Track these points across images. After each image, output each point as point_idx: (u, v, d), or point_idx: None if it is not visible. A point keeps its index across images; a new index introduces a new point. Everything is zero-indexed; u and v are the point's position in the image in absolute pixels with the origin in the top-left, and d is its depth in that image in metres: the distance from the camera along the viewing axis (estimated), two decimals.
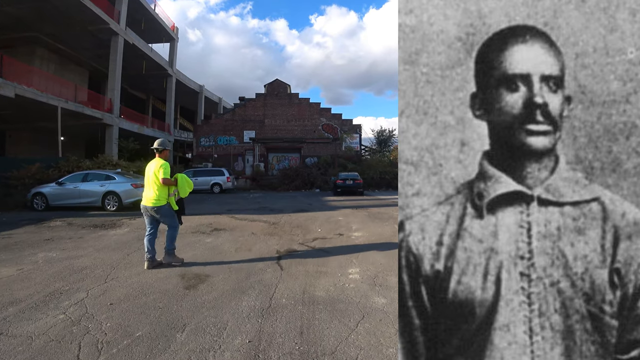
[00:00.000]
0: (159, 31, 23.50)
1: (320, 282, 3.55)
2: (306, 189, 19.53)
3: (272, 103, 24.39)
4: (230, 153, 24.05)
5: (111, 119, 17.88)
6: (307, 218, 8.25)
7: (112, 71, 18.10)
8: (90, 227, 6.92)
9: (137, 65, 21.48)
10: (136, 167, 17.21)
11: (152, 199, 4.02)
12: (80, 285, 3.47)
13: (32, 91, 13.22)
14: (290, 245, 5.28)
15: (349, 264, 4.23)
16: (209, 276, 3.73)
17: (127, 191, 9.64)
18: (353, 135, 24.33)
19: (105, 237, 5.93)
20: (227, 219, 7.98)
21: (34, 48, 17.26)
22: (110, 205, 9.58)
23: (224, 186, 17.20)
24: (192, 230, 6.52)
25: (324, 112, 24.45)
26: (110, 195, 9.60)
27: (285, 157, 24.34)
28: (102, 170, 10.87)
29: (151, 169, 4.07)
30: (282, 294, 3.20)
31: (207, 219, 7.91)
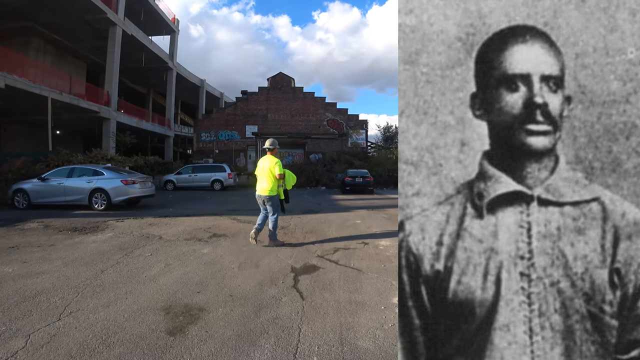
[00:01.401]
0: (159, 23, 22.98)
1: (360, 320, 2.61)
2: (311, 186, 18.68)
3: (275, 97, 23.44)
4: (232, 149, 23.25)
5: (108, 112, 17.36)
6: (320, 221, 7.24)
7: (110, 63, 17.58)
8: (69, 230, 5.94)
9: (136, 58, 20.97)
10: (132, 162, 16.62)
11: (267, 189, 4.82)
12: (23, 323, 2.47)
13: (23, 82, 12.68)
14: (308, 259, 4.27)
15: (390, 290, 3.24)
16: (204, 310, 2.75)
17: (117, 188, 8.64)
18: (359, 131, 23.41)
19: (82, 244, 4.90)
20: (228, 222, 6.99)
21: (29, 39, 16.87)
22: (97, 204, 8.60)
23: (225, 183, 16.31)
24: (186, 236, 5.49)
25: (329, 107, 23.61)
26: (97, 193, 8.61)
27: (288, 153, 23.33)
28: (89, 165, 9.82)
29: (266, 165, 4.84)
30: (311, 347, 2.22)
31: (205, 222, 6.96)
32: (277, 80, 23.86)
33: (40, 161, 11.97)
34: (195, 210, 8.75)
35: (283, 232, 5.95)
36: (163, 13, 22.87)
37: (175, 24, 24.89)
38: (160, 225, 6.50)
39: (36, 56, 16.99)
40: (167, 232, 5.86)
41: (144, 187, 9.25)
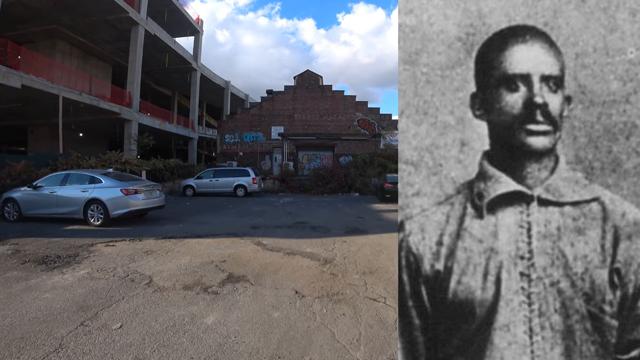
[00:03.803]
0: (182, 23, 22.66)
1: None
2: (343, 192, 17.03)
3: (302, 96, 21.83)
4: (257, 151, 22.03)
5: (130, 113, 16.80)
6: (375, 249, 5.20)
7: (132, 62, 17.19)
8: (35, 262, 4.40)
9: (160, 60, 20.82)
10: (151, 165, 15.69)
11: None
12: None
13: (40, 81, 12.11)
14: (389, 342, 2.42)
15: None
16: None
17: (116, 200, 7.04)
18: (393, 132, 21.33)
19: (32, 293, 3.30)
20: (251, 249, 5.16)
21: (54, 41, 16.84)
22: (94, 218, 7.02)
23: (249, 189, 14.90)
24: (188, 279, 3.73)
25: (360, 106, 21.73)
26: (94, 205, 7.05)
27: (316, 155, 21.89)
28: (87, 171, 8.12)
29: None
30: None
31: (219, 248, 5.19)
32: (304, 78, 22.28)
33: (48, 164, 10.77)
34: (210, 227, 7.09)
35: (330, 276, 3.88)
36: (187, 13, 22.37)
37: (200, 24, 24.32)
38: (159, 255, 4.77)
39: (62, 59, 16.82)
40: (164, 268, 4.10)
41: (149, 197, 7.69)
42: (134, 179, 8.25)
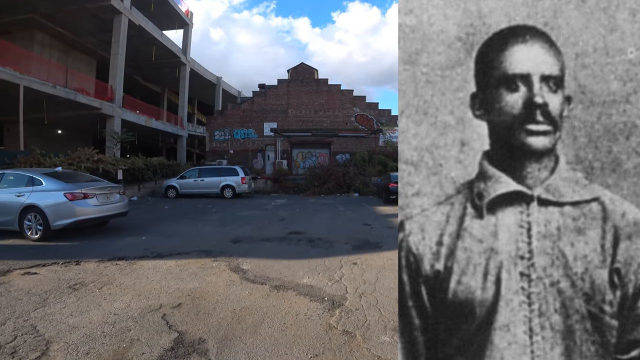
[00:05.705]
0: (171, 15, 21.15)
1: None
2: (342, 192, 15.70)
3: (296, 91, 20.50)
4: (249, 149, 20.83)
5: (112, 109, 15.47)
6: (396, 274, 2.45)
7: (115, 54, 15.80)
8: None
9: (148, 54, 19.40)
10: (129, 163, 14.45)
11: None
12: None
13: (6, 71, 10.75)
14: None
15: None
16: None
17: (58, 206, 5.42)
18: (393, 128, 20.09)
19: None
20: (224, 281, 3.54)
21: (32, 32, 15.50)
22: (31, 231, 5.43)
23: (238, 189, 13.68)
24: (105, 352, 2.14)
25: (358, 101, 20.43)
26: (30, 213, 5.45)
27: (312, 153, 20.66)
28: (25, 170, 6.44)
29: None
30: None
31: (181, 277, 3.66)
32: (299, 71, 20.92)
33: (3, 163, 9.34)
34: (180, 241, 5.51)
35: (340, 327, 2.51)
36: (175, 4, 20.99)
37: (189, 16, 22.97)
38: (88, 292, 3.20)
39: (41, 51, 15.72)
40: (80, 323, 2.57)
41: (105, 203, 6.01)
42: (89, 180, 6.63)
